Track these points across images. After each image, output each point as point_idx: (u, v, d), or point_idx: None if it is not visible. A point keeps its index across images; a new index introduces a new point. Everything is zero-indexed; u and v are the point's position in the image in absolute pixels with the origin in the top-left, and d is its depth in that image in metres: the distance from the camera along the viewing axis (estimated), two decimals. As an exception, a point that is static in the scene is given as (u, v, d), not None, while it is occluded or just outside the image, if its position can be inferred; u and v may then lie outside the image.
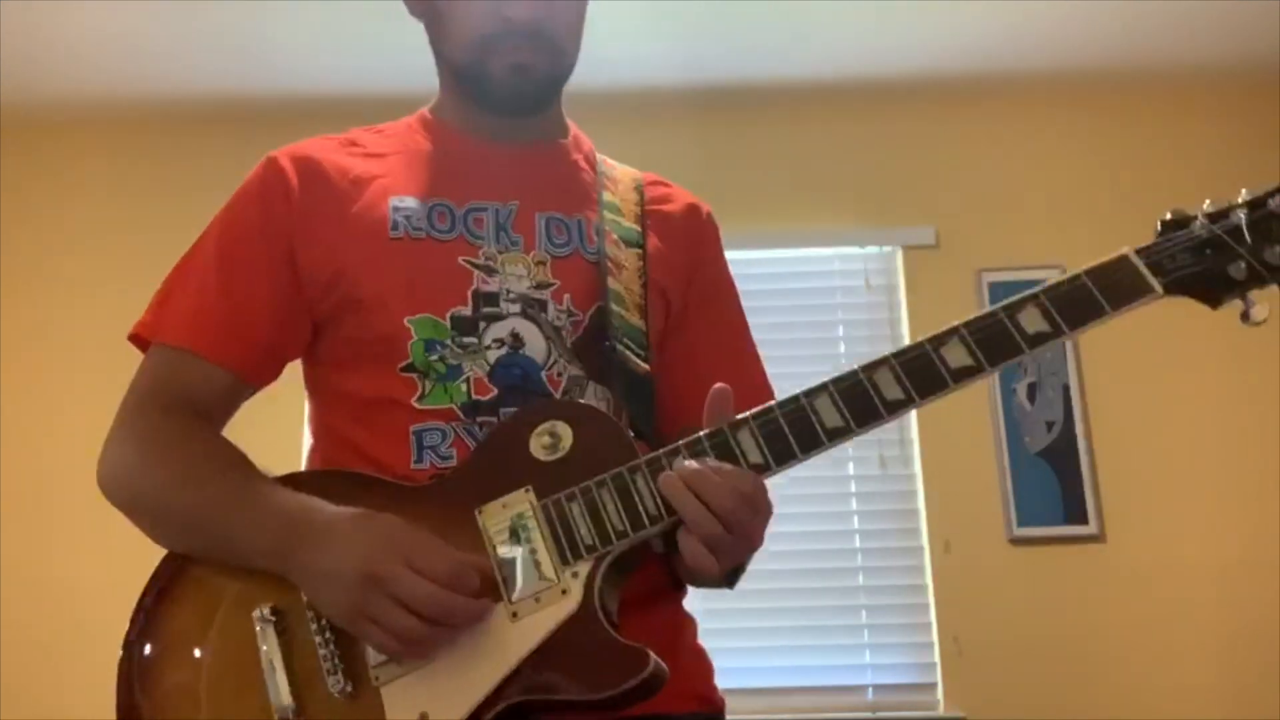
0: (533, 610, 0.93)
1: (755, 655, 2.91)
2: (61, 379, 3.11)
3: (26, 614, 2.87)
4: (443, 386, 1.05)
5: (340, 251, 1.09)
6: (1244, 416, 3.07)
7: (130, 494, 1.07)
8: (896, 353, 0.98)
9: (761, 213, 3.27)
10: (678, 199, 1.26)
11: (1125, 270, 1.00)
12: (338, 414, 1.11)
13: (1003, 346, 0.98)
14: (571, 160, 1.23)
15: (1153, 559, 2.95)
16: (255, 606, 0.97)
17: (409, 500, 0.99)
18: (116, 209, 3.28)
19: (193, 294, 1.12)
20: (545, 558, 0.95)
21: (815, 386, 0.98)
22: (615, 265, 1.14)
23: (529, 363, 1.07)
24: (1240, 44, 3.16)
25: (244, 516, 1.00)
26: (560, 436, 1.00)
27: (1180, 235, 1.01)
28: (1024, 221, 3.23)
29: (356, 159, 1.16)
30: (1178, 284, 0.99)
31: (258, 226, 1.12)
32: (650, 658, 0.91)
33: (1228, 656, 2.88)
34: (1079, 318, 0.98)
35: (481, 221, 1.12)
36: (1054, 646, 2.89)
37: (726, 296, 1.26)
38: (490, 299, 1.08)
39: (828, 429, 0.97)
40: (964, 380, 0.97)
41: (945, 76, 3.31)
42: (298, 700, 0.94)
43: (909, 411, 0.98)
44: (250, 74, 3.21)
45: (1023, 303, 0.99)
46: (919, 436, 3.09)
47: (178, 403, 1.09)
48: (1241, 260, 0.99)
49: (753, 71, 3.28)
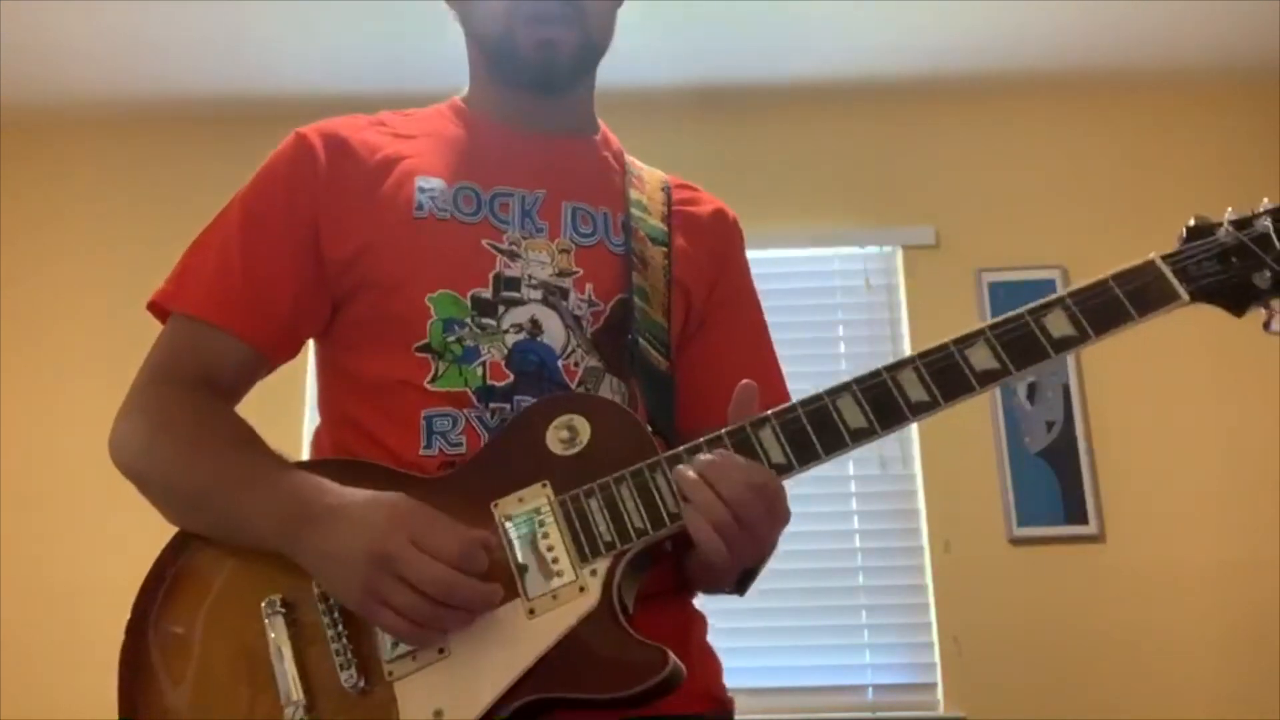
0: (550, 608, 0.92)
1: (755, 655, 2.91)
2: (61, 379, 3.11)
3: (26, 614, 2.87)
4: (458, 369, 1.04)
5: (364, 229, 1.08)
6: (1244, 417, 3.06)
7: (140, 467, 1.06)
8: (921, 353, 0.98)
9: (761, 212, 3.26)
10: (705, 203, 1.26)
11: (1152, 276, 0.99)
12: (348, 395, 1.10)
13: (1029, 350, 0.97)
14: (600, 156, 1.22)
15: (1153, 559, 2.95)
16: (264, 596, 0.96)
17: (422, 492, 0.96)
18: (116, 209, 3.28)
19: (215, 266, 1.10)
20: (563, 554, 0.94)
21: (838, 385, 0.98)
22: (640, 260, 1.13)
23: (546, 350, 1.06)
24: (1240, 44, 3.16)
25: (252, 495, 0.98)
26: (578, 430, 0.98)
27: (1207, 242, 1.01)
28: (1024, 221, 3.23)
29: (385, 138, 1.15)
30: (1203, 291, 0.99)
31: (283, 202, 1.11)
32: (669, 657, 0.90)
33: (1228, 657, 2.87)
34: (1105, 323, 0.98)
35: (507, 207, 1.12)
36: (1054, 646, 2.89)
37: (749, 301, 1.26)
38: (511, 284, 1.08)
39: (851, 429, 0.96)
40: (989, 384, 0.97)
41: (945, 76, 3.31)
42: (308, 694, 0.92)
43: (932, 414, 0.97)
44: (250, 75, 3.21)
45: (1049, 306, 0.99)
46: (919, 436, 3.09)
47: (193, 376, 1.08)
48: (1267, 269, 0.99)
49: (753, 71, 3.28)
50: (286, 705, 0.91)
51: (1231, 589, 2.92)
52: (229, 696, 0.94)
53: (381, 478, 0.99)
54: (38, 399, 3.11)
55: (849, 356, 3.16)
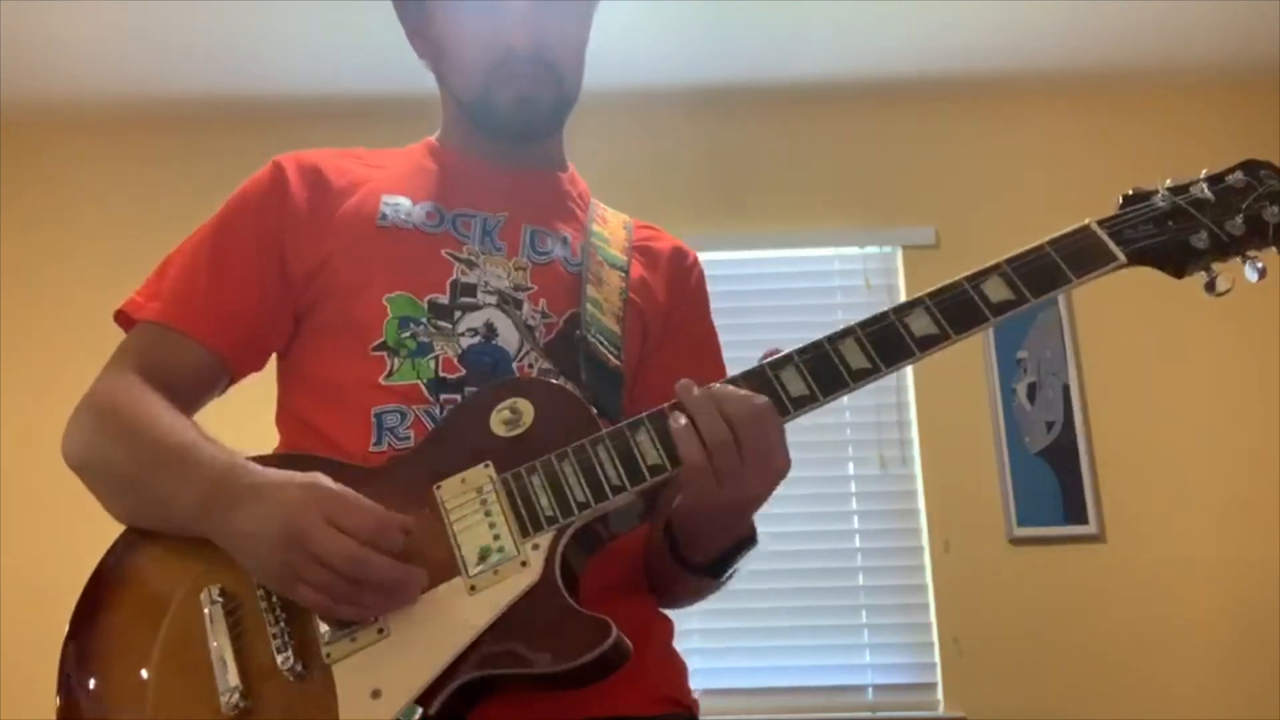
0: (491, 583, 0.91)
1: (755, 655, 2.91)
2: (61, 379, 3.10)
3: (26, 614, 2.87)
4: (411, 363, 1.05)
5: (327, 240, 1.11)
6: (1244, 417, 3.06)
7: (79, 457, 1.06)
8: (862, 323, 1.01)
9: (761, 213, 3.27)
10: (665, 240, 1.29)
11: (1088, 240, 1.02)
12: (304, 400, 1.11)
13: (968, 315, 1.00)
14: (565, 189, 1.26)
15: (1153, 559, 2.95)
16: (203, 587, 0.95)
17: (366, 480, 0.96)
18: (116, 209, 3.28)
19: (180, 277, 1.13)
20: (505, 531, 0.93)
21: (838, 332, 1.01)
22: (596, 279, 1.15)
23: (500, 352, 1.08)
24: (1240, 44, 3.16)
25: (172, 473, 0.98)
26: (521, 412, 0.99)
27: (1142, 207, 1.04)
28: (1024, 221, 3.20)
29: (357, 166, 1.20)
30: (1140, 253, 1.02)
31: (252, 220, 1.14)
32: (612, 629, 0.88)
33: (1228, 656, 2.87)
34: (1043, 286, 1.00)
35: (469, 225, 1.15)
36: (1054, 646, 2.89)
37: (704, 327, 1.27)
38: (468, 289, 1.10)
39: (793, 397, 0.97)
40: (929, 349, 0.99)
41: (945, 76, 3.31)
42: (244, 680, 0.90)
43: (873, 380, 0.99)
44: (250, 75, 3.21)
45: (986, 273, 1.02)
46: (919, 436, 3.09)
47: (147, 371, 1.08)
48: (1203, 230, 1.02)
49: (753, 71, 3.28)
50: (223, 692, 0.90)
51: (1231, 589, 2.92)
52: (169, 690, 0.93)
53: (324, 469, 0.98)
54: (38, 398, 3.10)
55: (849, 356, 3.15)
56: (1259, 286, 1.03)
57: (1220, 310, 1.05)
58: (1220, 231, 1.01)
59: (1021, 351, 3.13)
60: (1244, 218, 1.02)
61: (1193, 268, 1.03)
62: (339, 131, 1.44)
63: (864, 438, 3.12)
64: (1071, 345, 3.12)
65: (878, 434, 3.13)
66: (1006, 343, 3.12)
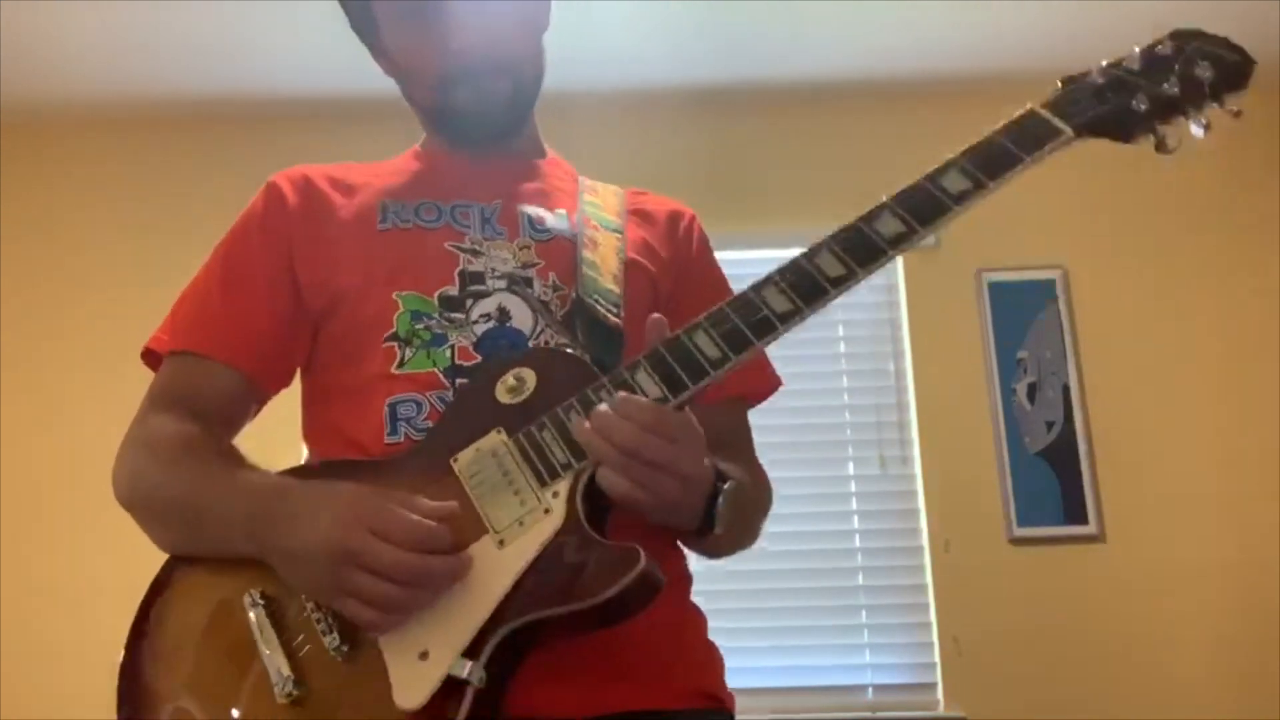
0: (518, 534, 0.94)
1: (755, 655, 2.91)
2: (61, 379, 3.11)
3: (26, 614, 2.87)
4: (426, 352, 1.07)
5: (333, 248, 1.15)
6: (1244, 417, 3.06)
7: (127, 494, 1.10)
8: (833, 234, 1.05)
9: (760, 213, 3.27)
10: (660, 201, 1.31)
11: (1033, 121, 1.07)
12: (325, 408, 1.14)
13: (931, 207, 1.04)
14: (550, 171, 1.29)
15: (1153, 559, 2.95)
16: (245, 592, 0.98)
17: (388, 471, 1.00)
18: (116, 209, 3.29)
19: (198, 306, 1.17)
20: (524, 484, 0.96)
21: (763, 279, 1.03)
22: (591, 243, 1.17)
23: (515, 334, 1.09)
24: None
25: (215, 498, 1.02)
26: (524, 379, 1.01)
27: (1081, 84, 1.09)
28: (1024, 221, 3.23)
29: (351, 174, 1.23)
30: (1086, 125, 1.07)
31: (258, 241, 1.17)
32: (640, 555, 0.89)
33: (1228, 657, 2.88)
34: (997, 169, 1.05)
35: (467, 215, 1.17)
36: (1054, 646, 2.89)
37: (717, 277, 1.29)
38: (476, 277, 1.12)
39: (778, 313, 1.01)
40: (900, 245, 1.03)
41: (945, 76, 3.31)
42: (295, 669, 0.94)
43: (850, 285, 1.03)
44: (249, 75, 3.20)
45: (945, 168, 1.07)
46: (919, 437, 3.09)
47: (179, 404, 1.12)
48: (1142, 92, 1.07)
49: (752, 71, 3.28)
50: (276, 683, 0.93)
51: (1231, 589, 2.92)
52: (222, 693, 0.96)
53: (348, 470, 1.02)
54: (37, 399, 3.11)
55: (849, 356, 3.16)
56: (1259, 287, 1.03)
57: (1220, 310, 1.05)
58: (1159, 92, 1.06)
59: (1021, 351, 3.13)
60: (1178, 77, 1.07)
61: (1139, 132, 1.08)
62: (339, 131, 1.45)
63: (864, 438, 3.12)
64: (1071, 345, 3.11)
65: (878, 434, 3.13)
66: (1006, 343, 3.12)
